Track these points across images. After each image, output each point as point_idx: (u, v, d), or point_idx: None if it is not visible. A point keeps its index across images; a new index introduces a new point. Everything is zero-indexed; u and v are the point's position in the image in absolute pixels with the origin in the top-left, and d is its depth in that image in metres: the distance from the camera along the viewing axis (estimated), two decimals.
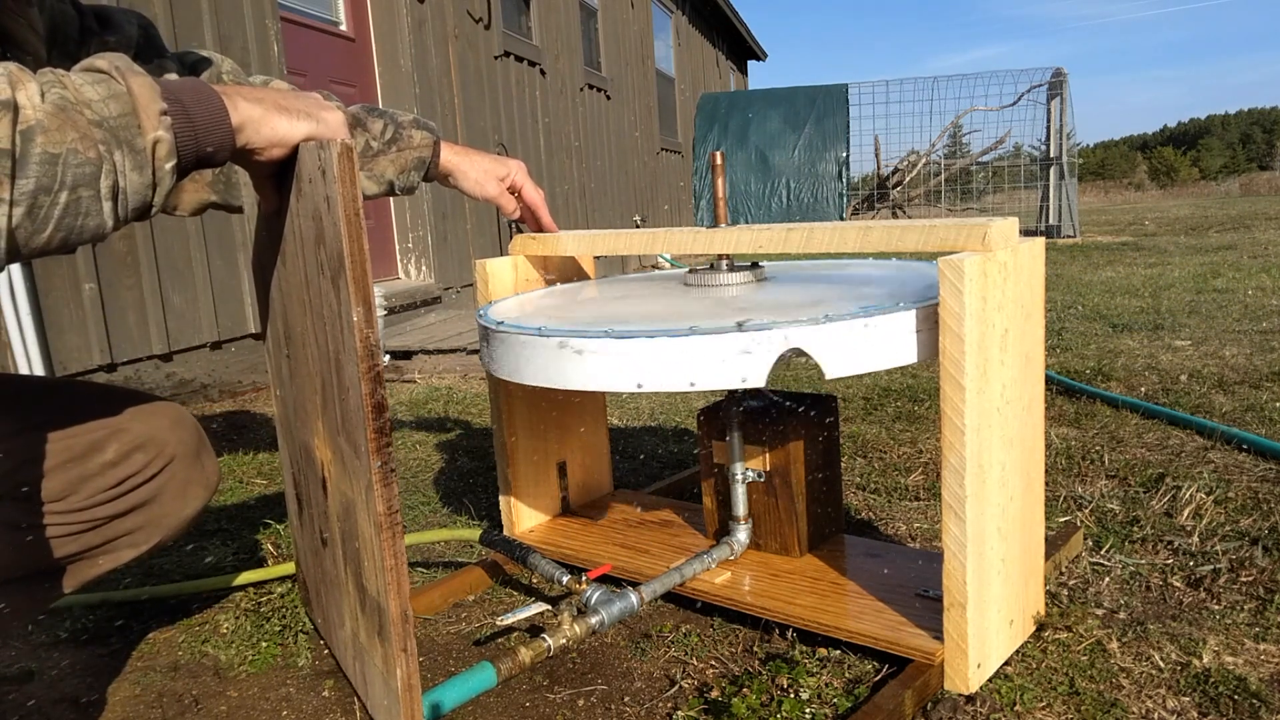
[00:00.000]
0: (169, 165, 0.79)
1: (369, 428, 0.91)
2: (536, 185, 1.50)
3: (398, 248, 5.13)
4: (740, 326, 1.05)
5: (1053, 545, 1.45)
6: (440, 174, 1.41)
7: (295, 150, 0.92)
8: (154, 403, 1.09)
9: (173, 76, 0.84)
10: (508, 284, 1.56)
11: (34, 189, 0.71)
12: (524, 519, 1.62)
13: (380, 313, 3.88)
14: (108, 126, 0.75)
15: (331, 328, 0.96)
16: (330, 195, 0.87)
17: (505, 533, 1.62)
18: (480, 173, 1.43)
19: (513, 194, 1.48)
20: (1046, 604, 1.30)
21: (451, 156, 1.41)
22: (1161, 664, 1.17)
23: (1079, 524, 1.62)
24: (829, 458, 1.45)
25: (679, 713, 1.14)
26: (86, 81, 0.76)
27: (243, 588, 1.58)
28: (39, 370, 2.74)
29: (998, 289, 1.08)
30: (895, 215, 10.89)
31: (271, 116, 0.88)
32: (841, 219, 9.01)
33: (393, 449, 0.92)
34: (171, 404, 1.11)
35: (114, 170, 0.75)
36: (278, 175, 0.97)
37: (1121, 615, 1.31)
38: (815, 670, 1.20)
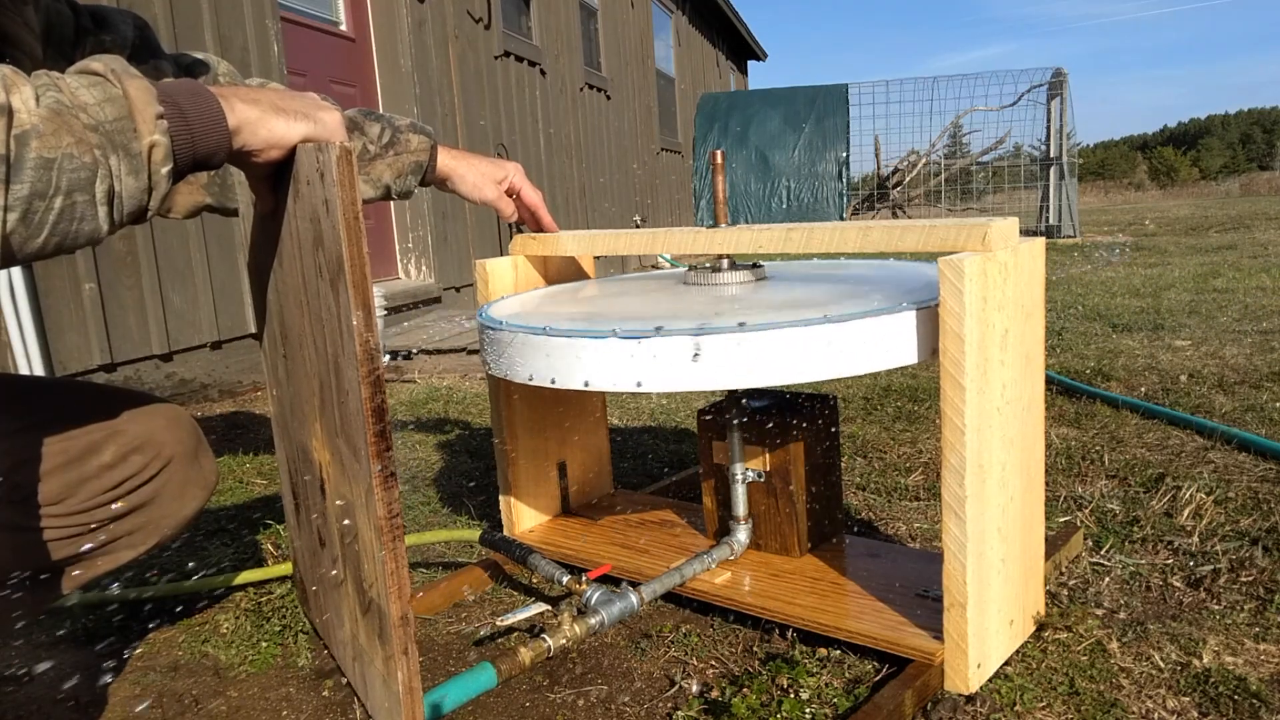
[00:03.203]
0: (165, 169, 0.79)
1: (369, 432, 0.90)
2: (535, 186, 1.50)
3: (398, 248, 5.13)
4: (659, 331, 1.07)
5: (1053, 545, 1.45)
6: (437, 178, 1.41)
7: (293, 151, 0.92)
8: (151, 404, 1.09)
9: (169, 78, 0.84)
10: (508, 284, 1.56)
11: (29, 194, 0.70)
12: (524, 519, 1.62)
13: (380, 313, 3.88)
14: (104, 130, 0.74)
15: (330, 330, 0.95)
16: (329, 198, 0.87)
17: (505, 533, 1.62)
18: (478, 176, 1.43)
19: (511, 196, 1.48)
20: (1046, 604, 1.30)
21: (449, 160, 1.40)
22: (1161, 664, 1.17)
23: (1079, 524, 1.62)
24: (829, 458, 1.45)
25: (679, 713, 1.14)
26: (82, 85, 0.75)
27: (243, 587, 1.58)
28: (39, 370, 2.74)
29: (998, 289, 1.08)
30: (895, 215, 10.89)
31: (269, 118, 0.88)
32: (841, 219, 9.01)
33: (393, 453, 0.92)
34: (169, 404, 1.11)
35: (110, 175, 0.75)
36: (274, 176, 0.97)
37: (1121, 615, 1.31)
38: (815, 670, 1.20)
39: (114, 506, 1.02)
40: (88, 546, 1.03)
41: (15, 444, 0.97)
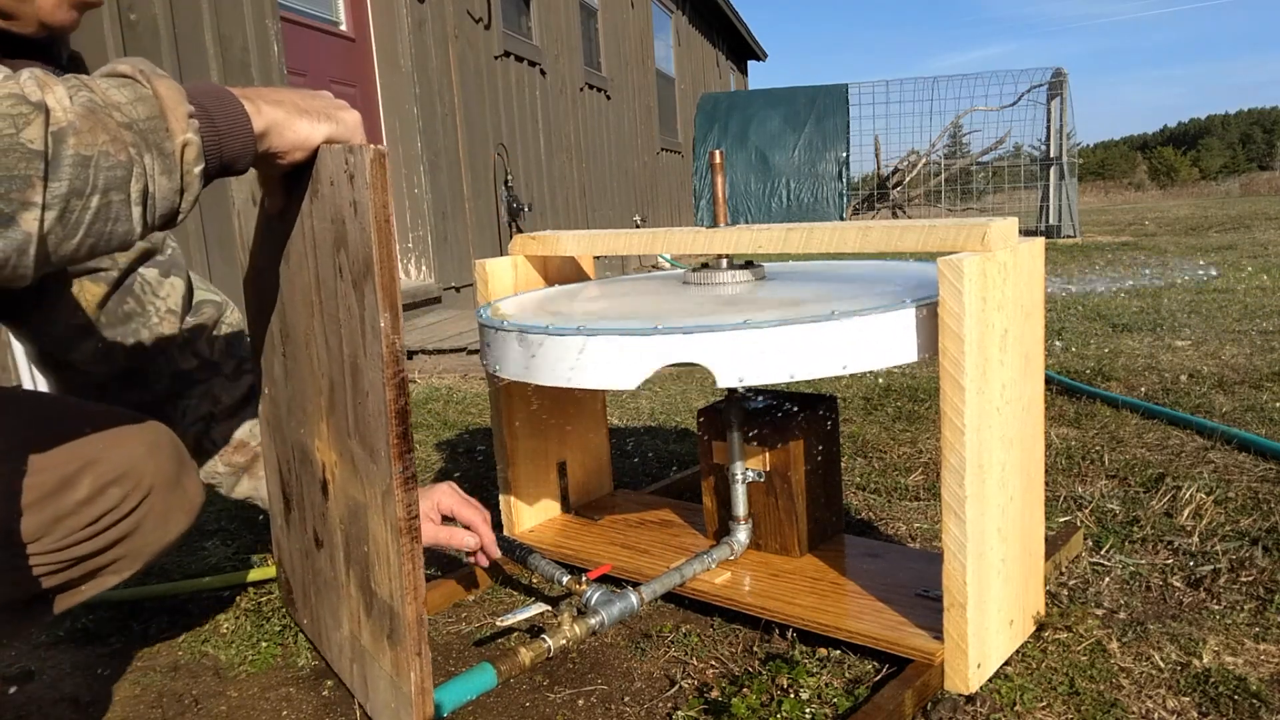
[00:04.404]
0: (197, 170, 0.78)
1: (392, 433, 0.90)
2: (470, 501, 1.39)
3: (398, 247, 5.12)
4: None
5: (1053, 545, 1.45)
6: None
7: (313, 152, 0.91)
8: (130, 425, 1.03)
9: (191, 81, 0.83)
10: (507, 284, 1.56)
11: (67, 192, 0.69)
12: (524, 519, 1.62)
13: None
14: (137, 129, 0.73)
15: (348, 331, 0.95)
16: (358, 200, 0.87)
17: (505, 533, 1.62)
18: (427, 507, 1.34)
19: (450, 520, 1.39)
20: (1046, 604, 1.30)
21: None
22: (1161, 664, 1.17)
23: (1079, 524, 1.62)
24: (829, 458, 1.45)
25: (679, 713, 1.14)
26: (112, 85, 0.74)
27: (243, 587, 1.58)
28: (40, 373, 2.73)
29: (997, 289, 1.08)
30: (895, 215, 10.89)
31: (294, 120, 0.87)
32: (841, 219, 9.01)
33: (414, 454, 0.92)
34: (149, 424, 1.04)
35: (144, 174, 0.73)
36: (289, 175, 0.96)
37: (1121, 615, 1.31)
38: (815, 670, 1.20)
39: (93, 542, 0.97)
40: (70, 577, 0.98)
41: None
